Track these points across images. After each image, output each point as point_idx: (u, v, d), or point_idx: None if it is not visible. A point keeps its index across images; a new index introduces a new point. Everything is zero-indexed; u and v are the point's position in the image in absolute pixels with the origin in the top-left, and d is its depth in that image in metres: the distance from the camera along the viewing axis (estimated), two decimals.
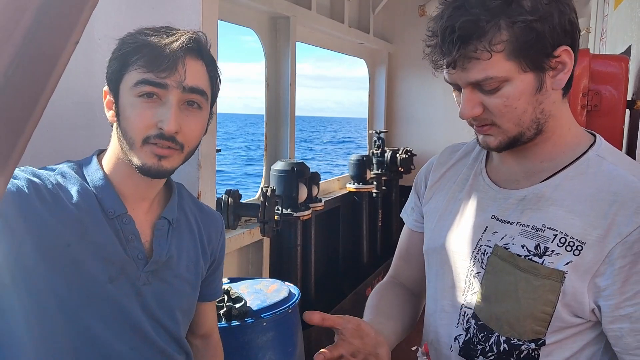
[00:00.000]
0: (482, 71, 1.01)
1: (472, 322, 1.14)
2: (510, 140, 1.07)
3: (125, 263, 1.19)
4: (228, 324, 2.01)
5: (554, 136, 1.11)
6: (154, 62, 1.12)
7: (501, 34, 0.99)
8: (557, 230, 1.04)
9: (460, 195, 1.24)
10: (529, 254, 1.06)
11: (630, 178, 1.03)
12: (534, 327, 1.06)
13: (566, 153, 1.11)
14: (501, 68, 1.00)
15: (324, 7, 4.99)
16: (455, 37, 0.99)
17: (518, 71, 1.01)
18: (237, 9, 3.75)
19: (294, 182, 3.83)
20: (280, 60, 4.20)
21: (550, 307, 1.03)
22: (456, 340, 1.17)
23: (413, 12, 6.00)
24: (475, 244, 1.15)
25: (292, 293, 2.27)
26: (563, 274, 1.02)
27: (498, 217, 1.14)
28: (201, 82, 1.18)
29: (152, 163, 1.15)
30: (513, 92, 1.02)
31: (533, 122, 1.06)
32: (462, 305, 1.16)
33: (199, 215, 1.40)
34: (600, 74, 1.47)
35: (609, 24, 2.80)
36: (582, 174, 1.07)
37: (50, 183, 1.13)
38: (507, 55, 1.00)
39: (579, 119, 1.46)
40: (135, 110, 1.14)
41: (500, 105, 1.03)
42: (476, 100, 1.04)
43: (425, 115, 6.35)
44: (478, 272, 1.14)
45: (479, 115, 1.05)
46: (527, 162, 1.14)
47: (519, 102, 1.03)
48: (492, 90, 1.02)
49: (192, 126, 1.18)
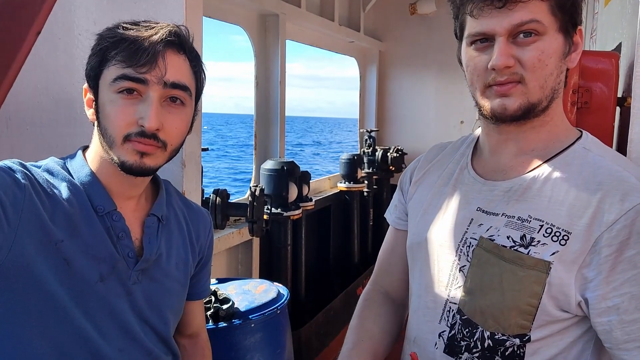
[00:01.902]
0: (529, 13, 1.01)
1: (457, 318, 1.12)
2: (528, 106, 1.05)
3: (115, 261, 1.16)
4: (215, 326, 1.98)
5: (551, 122, 1.11)
6: (132, 56, 1.08)
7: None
8: (543, 221, 1.04)
9: (445, 190, 1.24)
10: (515, 245, 1.05)
11: (614, 167, 1.03)
12: (519, 320, 1.04)
13: (555, 144, 1.11)
14: (546, 18, 1.02)
15: (313, 5, 4.96)
16: None
17: (556, 29, 1.04)
18: (225, 6, 3.71)
19: (284, 181, 3.80)
20: (270, 59, 4.17)
21: (535, 299, 1.02)
22: (440, 337, 1.15)
23: (404, 11, 5.99)
24: (461, 237, 1.14)
25: (280, 293, 2.25)
26: (549, 264, 1.01)
27: (483, 209, 1.13)
28: (184, 77, 1.15)
29: (133, 160, 1.11)
30: (548, 47, 1.03)
31: (552, 90, 1.06)
32: (447, 301, 1.15)
33: (186, 212, 1.37)
34: (591, 71, 1.46)
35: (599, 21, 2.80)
36: (567, 164, 1.07)
37: (41, 178, 1.10)
38: (551, 8, 1.03)
39: (569, 116, 1.44)
40: (115, 107, 1.10)
41: (534, 58, 1.03)
42: (510, 51, 1.03)
43: (416, 113, 6.34)
44: (463, 266, 1.12)
45: (511, 68, 1.03)
46: (517, 151, 1.13)
47: (550, 60, 1.04)
48: (529, 41, 1.02)
49: (175, 123, 1.14)
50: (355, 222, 5.36)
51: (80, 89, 1.18)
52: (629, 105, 1.28)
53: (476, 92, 1.10)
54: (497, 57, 1.02)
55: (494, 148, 1.18)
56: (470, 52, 1.08)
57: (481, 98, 1.09)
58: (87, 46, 1.17)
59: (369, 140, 5.76)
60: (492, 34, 1.04)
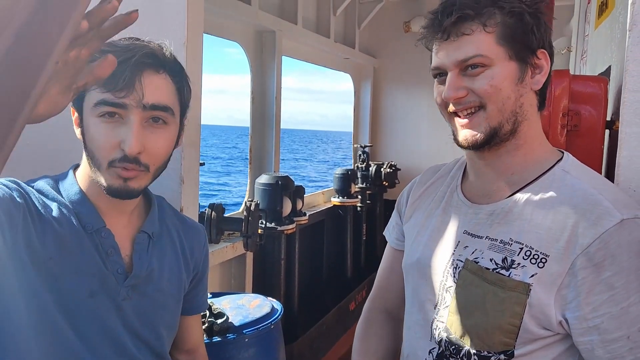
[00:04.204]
0: (473, 48, 1.06)
1: (444, 336, 1.16)
2: (491, 131, 1.09)
3: (104, 277, 1.17)
4: (209, 340, 1.99)
5: (525, 145, 1.14)
6: (110, 81, 1.08)
7: (495, 17, 1.06)
8: (522, 244, 1.07)
9: (436, 212, 1.27)
10: (497, 267, 1.09)
11: (590, 190, 1.06)
12: (503, 338, 1.07)
13: (534, 167, 1.14)
14: (491, 50, 1.06)
15: (309, 22, 5.02)
16: (454, 10, 1.06)
17: (504, 57, 1.07)
18: (223, 22, 3.76)
19: (278, 195, 3.82)
20: (266, 74, 4.22)
21: (517, 319, 1.05)
22: (430, 353, 1.19)
23: (398, 28, 6.07)
24: (448, 259, 1.18)
25: (274, 308, 2.26)
26: (528, 286, 1.04)
27: (469, 231, 1.17)
28: (163, 97, 1.14)
29: (118, 184, 1.13)
30: (497, 75, 1.07)
31: (512, 114, 1.09)
32: (435, 319, 1.19)
33: (181, 228, 1.38)
34: (580, 95, 1.50)
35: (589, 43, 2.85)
36: (547, 188, 1.10)
37: (34, 196, 1.12)
38: (497, 39, 1.06)
39: (559, 139, 1.48)
40: (98, 131, 1.11)
41: (485, 85, 1.07)
42: (461, 83, 1.09)
43: (410, 129, 6.40)
44: (450, 286, 1.16)
45: (464, 98, 1.09)
46: (498, 176, 1.17)
47: (503, 85, 1.07)
48: (477, 72, 1.07)
49: (158, 144, 1.15)
50: (348, 237, 5.38)
51: None
52: (617, 129, 1.31)
53: (446, 121, 1.17)
54: (446, 90, 1.10)
55: (477, 172, 1.22)
56: (435, 84, 1.16)
57: (451, 127, 1.15)
58: None
59: (363, 156, 5.80)
60: (444, 69, 1.11)
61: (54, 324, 1.11)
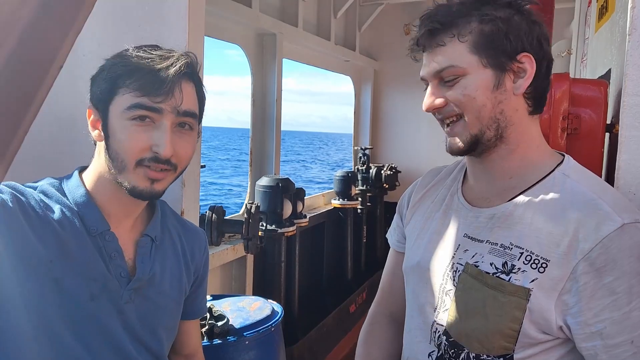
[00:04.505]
0: (446, 59, 1.09)
1: (444, 339, 1.16)
2: (472, 139, 1.12)
3: (107, 281, 1.17)
4: (210, 343, 1.99)
5: (518, 149, 1.14)
6: (149, 86, 1.12)
7: (470, 27, 1.09)
8: (523, 248, 1.07)
9: (437, 215, 1.28)
10: (497, 272, 1.09)
11: (590, 195, 1.06)
12: (502, 343, 1.08)
13: (534, 171, 1.14)
14: (464, 59, 1.09)
15: (310, 25, 5.03)
16: (430, 21, 1.10)
17: (478, 66, 1.09)
18: (223, 25, 3.76)
19: (278, 197, 3.82)
20: (267, 77, 4.22)
21: (516, 323, 1.05)
22: (429, 356, 1.19)
23: (399, 30, 6.08)
24: (449, 262, 1.18)
25: (275, 311, 2.26)
26: (529, 291, 1.04)
27: (470, 235, 1.17)
28: (193, 104, 1.20)
29: (144, 186, 1.15)
30: (471, 84, 1.09)
31: (492, 120, 1.11)
32: (434, 322, 1.19)
33: (182, 232, 1.39)
34: (580, 98, 1.50)
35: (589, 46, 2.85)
36: (547, 192, 1.10)
37: (33, 199, 1.12)
38: (471, 48, 1.08)
39: (560, 142, 1.48)
40: (128, 134, 1.13)
41: (459, 95, 1.10)
42: (439, 93, 1.13)
43: (410, 132, 6.40)
44: (450, 290, 1.17)
45: (443, 108, 1.13)
46: (496, 180, 1.17)
47: (477, 94, 1.09)
48: (452, 81, 1.10)
49: (185, 147, 1.19)
50: (348, 239, 5.38)
51: (83, 110, 1.20)
52: (617, 132, 1.32)
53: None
54: (424, 100, 1.15)
55: (476, 176, 1.23)
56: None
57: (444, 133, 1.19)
58: (91, 67, 1.19)
59: (363, 158, 5.80)
60: (426, 80, 1.16)
61: (54, 327, 1.11)
